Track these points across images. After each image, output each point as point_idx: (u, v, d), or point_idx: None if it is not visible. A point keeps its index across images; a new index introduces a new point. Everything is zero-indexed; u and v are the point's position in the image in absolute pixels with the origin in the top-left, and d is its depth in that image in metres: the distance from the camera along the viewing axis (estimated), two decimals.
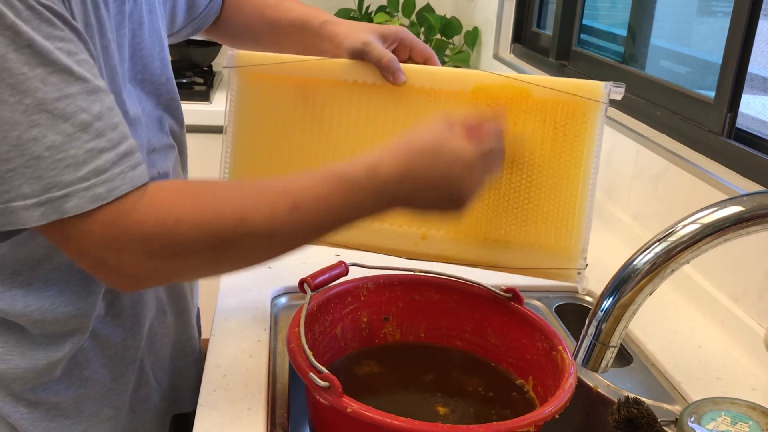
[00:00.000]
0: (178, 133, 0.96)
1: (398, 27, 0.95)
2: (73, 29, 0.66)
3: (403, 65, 0.90)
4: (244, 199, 0.69)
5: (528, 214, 0.88)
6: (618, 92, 0.84)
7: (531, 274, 0.89)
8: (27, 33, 0.62)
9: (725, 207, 0.64)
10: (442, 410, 0.87)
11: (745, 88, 1.20)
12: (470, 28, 2.46)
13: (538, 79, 0.87)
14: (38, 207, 0.63)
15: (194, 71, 2.47)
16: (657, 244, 0.65)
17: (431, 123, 0.75)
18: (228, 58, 0.94)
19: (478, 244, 0.90)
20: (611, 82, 0.84)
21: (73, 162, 0.63)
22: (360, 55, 0.90)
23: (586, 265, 0.87)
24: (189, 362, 1.00)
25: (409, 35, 0.95)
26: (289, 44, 1.02)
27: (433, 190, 0.73)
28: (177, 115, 0.95)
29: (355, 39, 0.91)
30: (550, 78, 0.88)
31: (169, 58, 0.92)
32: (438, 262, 0.92)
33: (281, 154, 0.94)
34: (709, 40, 1.67)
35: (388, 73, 0.89)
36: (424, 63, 0.95)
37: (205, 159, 2.07)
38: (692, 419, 0.75)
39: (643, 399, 0.83)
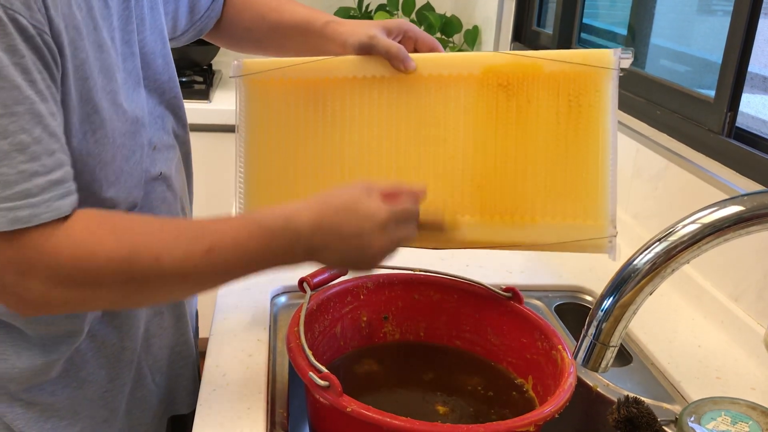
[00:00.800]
0: (181, 133, 0.96)
1: (401, 20, 0.95)
2: (35, 48, 0.64)
3: (411, 54, 0.89)
4: (160, 239, 0.69)
5: (552, 188, 0.87)
6: (627, 58, 0.84)
7: (562, 249, 0.87)
8: None
9: (725, 207, 0.64)
10: (441, 409, 0.87)
11: (745, 87, 1.20)
12: (470, 27, 2.46)
13: (547, 53, 0.87)
14: None
15: (194, 70, 2.46)
16: (657, 243, 0.65)
17: (351, 185, 0.77)
18: (234, 67, 0.93)
19: (505, 225, 0.88)
20: (620, 49, 0.85)
21: (2, 180, 0.63)
22: (367, 49, 0.90)
23: (617, 232, 0.86)
24: (187, 364, 1.00)
25: (413, 27, 0.95)
26: (291, 46, 1.01)
27: (344, 242, 0.74)
28: (180, 114, 0.94)
29: (360, 34, 0.91)
30: (559, 51, 0.87)
31: (171, 56, 0.92)
32: (467, 248, 0.91)
33: (296, 157, 0.93)
34: (709, 39, 1.67)
35: (397, 62, 0.89)
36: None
37: (206, 158, 2.07)
38: (692, 419, 0.75)
39: (642, 398, 0.82)
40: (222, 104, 2.29)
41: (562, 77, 0.85)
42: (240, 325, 1.01)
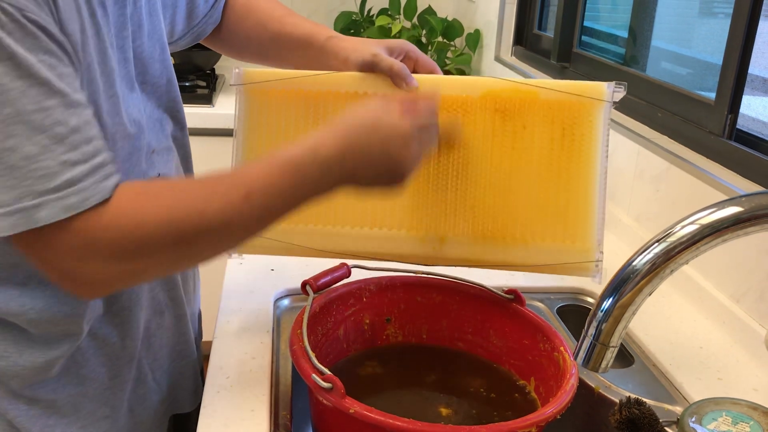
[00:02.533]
0: (180, 136, 0.97)
1: (403, 40, 0.97)
2: (58, 43, 0.66)
3: (413, 74, 0.91)
4: (200, 194, 0.71)
5: (542, 211, 0.90)
6: (620, 92, 0.88)
7: (550, 271, 0.91)
8: (10, 46, 0.63)
9: (724, 208, 0.65)
10: (444, 411, 0.87)
11: (746, 90, 1.20)
12: (472, 31, 2.47)
13: (544, 82, 0.90)
14: (8, 216, 0.64)
15: (197, 74, 2.47)
16: (656, 244, 0.65)
17: (368, 102, 0.78)
18: (235, 75, 0.95)
19: (496, 245, 0.91)
20: (613, 83, 0.88)
21: (47, 173, 0.65)
22: (370, 66, 0.92)
23: (602, 257, 0.89)
24: (188, 363, 1.01)
25: (414, 48, 0.97)
26: (292, 59, 1.02)
27: (374, 163, 0.76)
28: (178, 118, 0.95)
29: (363, 52, 0.93)
30: (556, 81, 0.90)
31: (170, 60, 0.93)
32: (458, 265, 0.93)
33: None
34: (709, 41, 1.68)
35: (400, 80, 0.90)
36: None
37: (209, 162, 2.07)
38: (693, 419, 0.75)
39: (644, 399, 0.83)
40: (225, 108, 2.30)
41: (557, 106, 0.89)
42: (243, 327, 1.02)
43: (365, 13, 2.55)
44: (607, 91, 0.88)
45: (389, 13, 2.50)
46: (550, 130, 0.89)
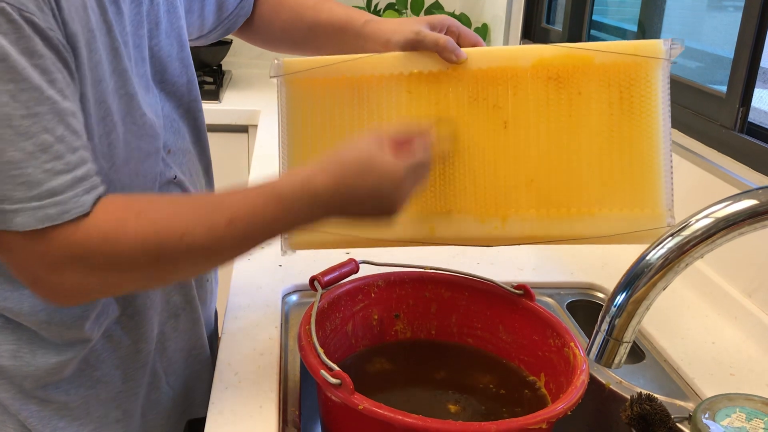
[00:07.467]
0: (199, 137, 0.96)
1: (443, 15, 0.94)
2: (53, 47, 0.65)
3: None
4: (184, 215, 0.71)
5: (607, 179, 0.86)
6: (677, 48, 0.85)
7: (620, 241, 0.87)
8: (4, 47, 0.62)
9: (739, 200, 0.64)
10: (453, 408, 0.87)
11: (757, 83, 1.19)
12: (479, 25, 2.46)
13: (597, 44, 0.87)
14: None
15: (204, 70, 2.47)
16: (670, 238, 0.64)
17: (362, 138, 0.77)
18: (275, 66, 0.92)
19: (561, 219, 0.88)
20: (670, 39, 0.85)
21: (28, 180, 0.64)
22: (414, 45, 0.89)
23: (675, 222, 0.84)
24: (203, 367, 1.00)
25: (456, 23, 0.93)
26: (329, 46, 1.00)
27: (364, 202, 0.76)
28: (197, 117, 0.94)
29: (405, 31, 0.90)
30: (610, 42, 0.87)
31: (190, 59, 0.91)
32: (522, 243, 0.90)
33: None
34: (719, 34, 1.66)
35: (448, 53, 0.87)
36: None
37: (216, 158, 2.07)
38: (706, 415, 0.74)
39: (656, 395, 0.82)
40: (232, 104, 2.29)
41: (613, 68, 0.85)
42: (251, 323, 1.01)
43: (372, 7, 2.54)
44: (664, 48, 0.84)
45: (396, 7, 2.49)
46: (608, 94, 0.85)
